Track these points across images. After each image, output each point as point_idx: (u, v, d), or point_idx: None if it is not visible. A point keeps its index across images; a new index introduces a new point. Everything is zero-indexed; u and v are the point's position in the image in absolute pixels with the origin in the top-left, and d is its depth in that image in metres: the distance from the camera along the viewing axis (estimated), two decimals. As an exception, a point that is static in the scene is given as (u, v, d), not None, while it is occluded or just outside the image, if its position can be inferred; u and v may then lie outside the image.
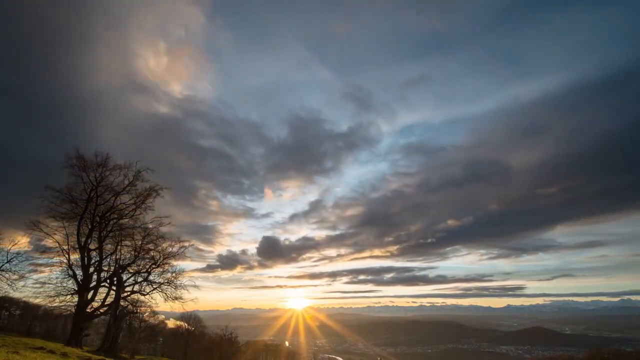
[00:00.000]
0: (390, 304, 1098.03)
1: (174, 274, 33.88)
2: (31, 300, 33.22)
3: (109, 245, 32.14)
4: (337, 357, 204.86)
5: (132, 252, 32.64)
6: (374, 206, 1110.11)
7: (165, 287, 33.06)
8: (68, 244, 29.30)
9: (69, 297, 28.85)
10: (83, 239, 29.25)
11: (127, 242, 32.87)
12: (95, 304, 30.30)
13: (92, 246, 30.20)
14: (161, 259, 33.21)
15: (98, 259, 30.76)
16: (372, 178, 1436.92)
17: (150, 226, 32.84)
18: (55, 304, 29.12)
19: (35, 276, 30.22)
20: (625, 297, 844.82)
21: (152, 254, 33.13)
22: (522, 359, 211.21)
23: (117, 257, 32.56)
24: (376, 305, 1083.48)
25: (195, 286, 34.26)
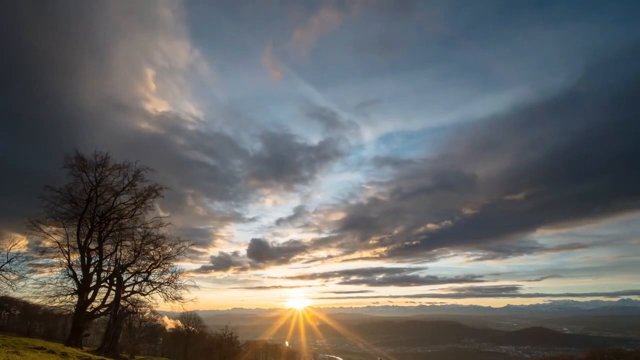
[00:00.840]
0: (390, 304, 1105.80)
1: (173, 274, 33.86)
2: (31, 300, 33.23)
3: (109, 246, 32.09)
4: (337, 357, 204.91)
5: (132, 252, 32.59)
6: (354, 212, 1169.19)
7: (165, 287, 32.96)
8: (68, 244, 29.25)
9: (69, 297, 28.80)
10: (83, 239, 29.24)
11: (127, 242, 32.82)
12: (95, 304, 30.27)
13: (92, 246, 30.19)
14: (161, 259, 33.18)
15: (98, 259, 30.73)
16: (349, 186, 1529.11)
17: (150, 226, 32.82)
18: (55, 304, 29.09)
19: (35, 276, 30.21)
20: (625, 297, 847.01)
21: (152, 254, 33.09)
22: (522, 359, 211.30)
23: (117, 257, 32.51)
24: (376, 305, 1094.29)
25: (195, 286, 34.25)
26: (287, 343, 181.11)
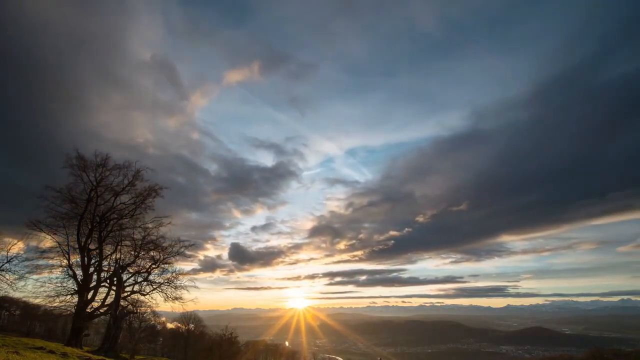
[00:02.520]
0: (390, 304, 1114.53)
1: (173, 274, 33.90)
2: (31, 300, 33.14)
3: (109, 245, 32.12)
4: (337, 357, 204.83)
5: (132, 252, 32.62)
6: (318, 221, 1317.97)
7: (165, 287, 33.01)
8: (68, 244, 29.26)
9: (69, 297, 28.81)
10: (83, 239, 29.24)
11: (127, 242, 32.85)
12: (95, 304, 30.27)
13: (92, 246, 30.21)
14: (161, 259, 33.21)
15: (98, 259, 30.75)
16: (311, 200, 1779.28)
17: (150, 226, 32.85)
18: (55, 304, 29.09)
19: (35, 276, 30.12)
20: (626, 297, 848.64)
21: (152, 254, 33.13)
22: (522, 359, 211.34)
23: (117, 257, 32.54)
24: (376, 305, 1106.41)
25: (195, 287, 34.30)
26: (287, 343, 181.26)
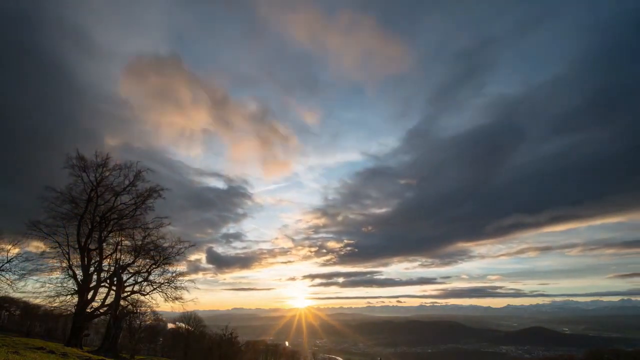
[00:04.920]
0: (390, 304, 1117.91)
1: (174, 274, 33.91)
2: (31, 300, 33.21)
3: (109, 246, 32.14)
4: (337, 357, 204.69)
5: (132, 252, 32.62)
6: (279, 232, 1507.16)
7: (165, 287, 33.00)
8: (68, 244, 29.25)
9: (69, 297, 28.80)
10: (83, 239, 29.24)
11: (127, 243, 32.88)
12: (95, 304, 30.27)
13: (92, 246, 30.21)
14: (161, 259, 33.21)
15: (98, 259, 30.76)
16: (267, 215, 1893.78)
17: (150, 226, 32.85)
18: (55, 304, 29.07)
19: (35, 276, 30.18)
20: (625, 297, 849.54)
21: (152, 254, 33.13)
22: (522, 359, 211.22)
23: (117, 257, 32.54)
24: (376, 305, 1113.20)
25: (197, 288, 34.30)
26: (287, 343, 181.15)
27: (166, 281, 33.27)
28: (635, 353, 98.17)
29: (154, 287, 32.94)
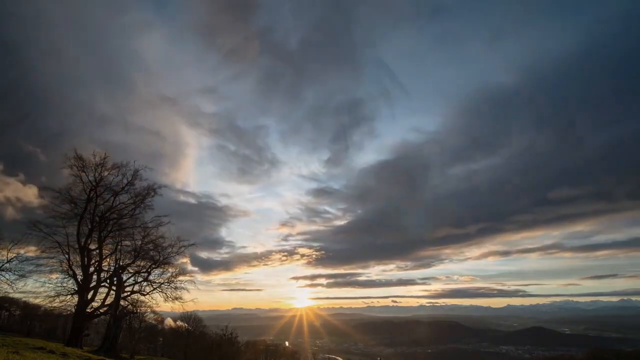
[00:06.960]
0: (390, 304, 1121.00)
1: (174, 274, 33.92)
2: (31, 300, 33.30)
3: (109, 245, 32.13)
4: (337, 357, 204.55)
5: (132, 252, 32.62)
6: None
7: (165, 287, 33.04)
8: (68, 244, 29.25)
9: (69, 297, 28.83)
10: (83, 239, 29.23)
11: (127, 242, 32.87)
12: (95, 304, 30.28)
13: (92, 246, 30.20)
14: (161, 259, 33.21)
15: (98, 259, 30.75)
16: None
17: (150, 226, 32.85)
18: (55, 304, 29.10)
19: (35, 276, 30.23)
20: (626, 297, 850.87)
21: (152, 254, 33.13)
22: (522, 359, 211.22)
23: (117, 257, 32.54)
24: (376, 305, 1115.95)
25: (197, 288, 34.34)
26: (287, 343, 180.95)
27: (166, 281, 33.32)
28: (635, 353, 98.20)
29: (154, 287, 32.98)
